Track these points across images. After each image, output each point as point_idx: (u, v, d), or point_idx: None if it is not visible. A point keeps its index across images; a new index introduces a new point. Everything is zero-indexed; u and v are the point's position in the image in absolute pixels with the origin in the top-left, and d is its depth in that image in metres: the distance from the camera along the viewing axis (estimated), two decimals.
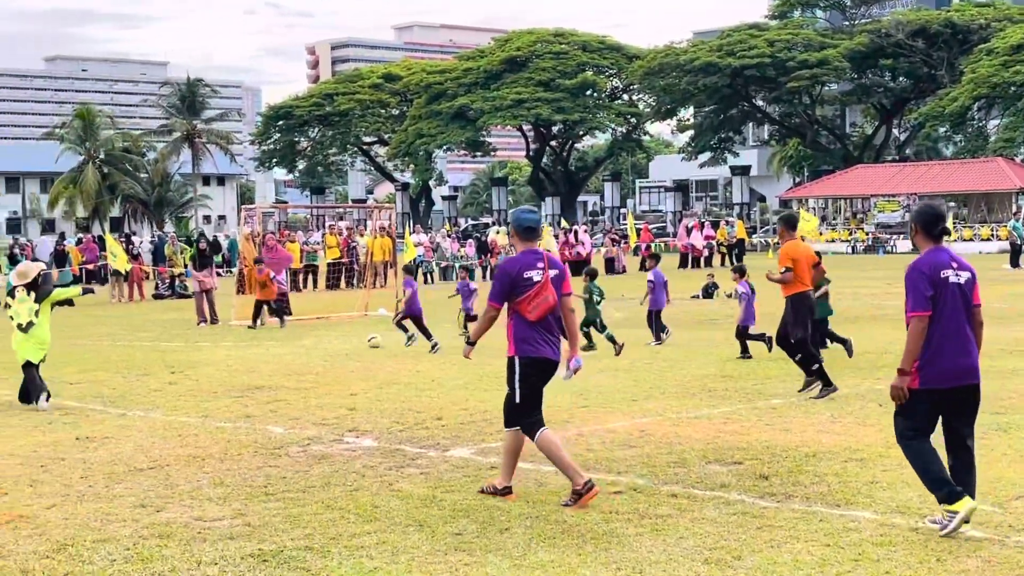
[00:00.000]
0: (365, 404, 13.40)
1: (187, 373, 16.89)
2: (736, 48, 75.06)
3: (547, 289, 8.62)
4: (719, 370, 15.84)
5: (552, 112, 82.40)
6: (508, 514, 8.22)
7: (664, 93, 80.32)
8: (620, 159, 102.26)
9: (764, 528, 7.72)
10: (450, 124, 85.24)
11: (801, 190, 75.53)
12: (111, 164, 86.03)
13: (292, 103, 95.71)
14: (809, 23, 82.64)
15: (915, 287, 7.56)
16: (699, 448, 10.42)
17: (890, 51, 76.23)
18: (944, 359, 7.54)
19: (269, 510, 8.51)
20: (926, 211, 7.84)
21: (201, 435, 11.71)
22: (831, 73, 74.92)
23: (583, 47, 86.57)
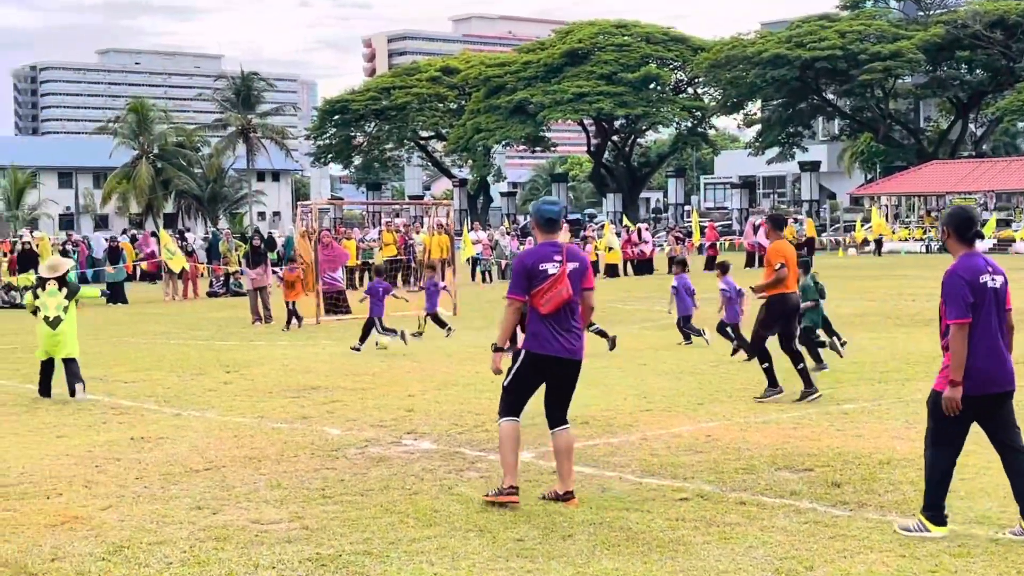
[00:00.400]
0: (423, 406, 13.46)
1: (242, 372, 17.05)
2: (806, 40, 74.50)
3: (561, 282, 8.58)
4: (787, 373, 15.70)
5: (614, 106, 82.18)
6: (571, 520, 8.23)
7: (730, 86, 79.88)
8: (684, 154, 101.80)
9: (836, 538, 7.67)
10: (509, 119, 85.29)
11: (873, 187, 74.86)
12: (165, 159, 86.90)
13: (348, 97, 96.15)
14: (882, 14, 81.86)
15: (956, 294, 7.58)
16: (768, 454, 10.36)
17: (967, 42, 75.31)
18: (980, 366, 7.56)
19: (327, 513, 8.57)
20: (959, 214, 7.87)
21: (257, 436, 11.81)
22: (905, 65, 74.13)
23: (646, 39, 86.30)
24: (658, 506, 8.58)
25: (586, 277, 8.82)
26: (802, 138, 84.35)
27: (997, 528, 7.81)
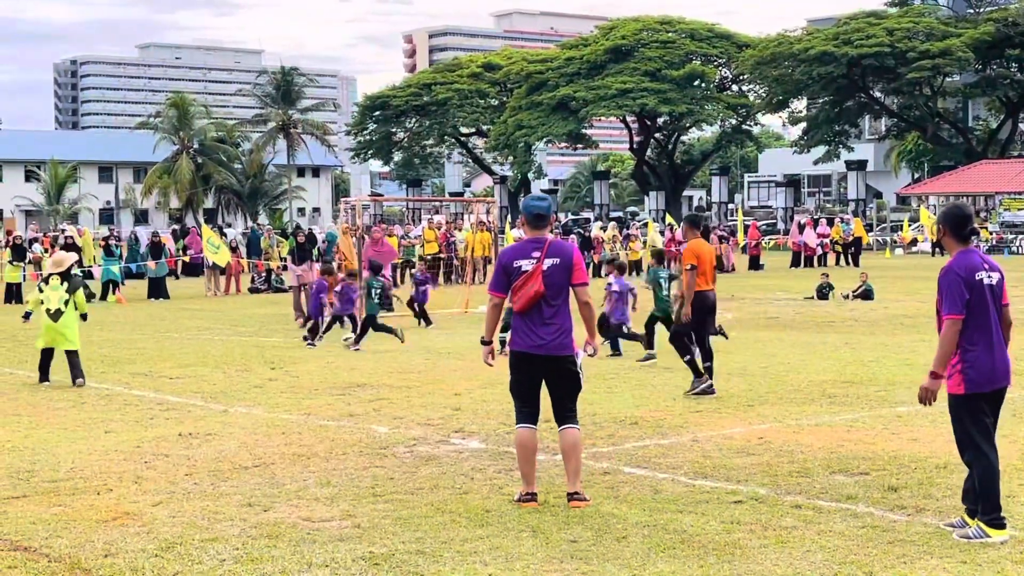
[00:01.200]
0: (470, 404, 13.48)
1: (287, 369, 17.13)
2: (853, 37, 74.05)
3: (533, 279, 8.58)
4: (839, 375, 15.66)
5: (658, 103, 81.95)
6: (624, 522, 8.22)
7: (776, 84, 79.51)
8: (728, 152, 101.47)
9: (895, 543, 7.63)
10: (551, 115, 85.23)
11: (920, 187, 74.33)
12: (205, 154, 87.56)
13: (389, 93, 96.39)
14: (931, 11, 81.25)
15: (951, 290, 7.77)
16: (822, 457, 10.31)
17: (1018, 40, 74.63)
18: (983, 362, 7.77)
19: (378, 511, 8.60)
20: (955, 213, 8.05)
21: (304, 433, 11.87)
22: (954, 64, 73.55)
23: (691, 35, 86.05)
24: (712, 509, 8.55)
25: (574, 272, 8.72)
26: (848, 137, 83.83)
27: None
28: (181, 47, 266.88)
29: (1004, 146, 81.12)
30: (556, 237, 9.11)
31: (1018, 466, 9.73)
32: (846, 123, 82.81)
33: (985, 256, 8.04)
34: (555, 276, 8.67)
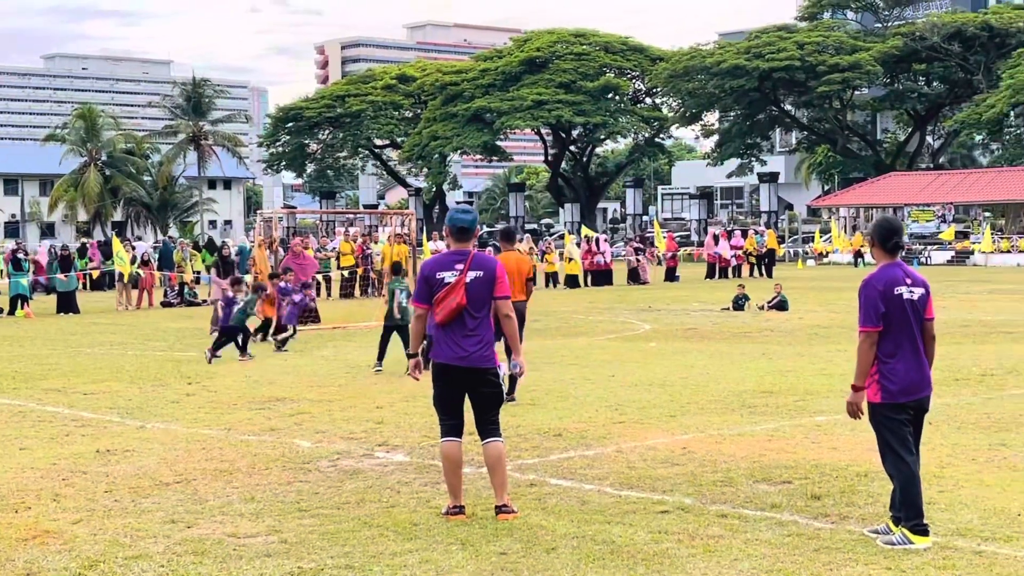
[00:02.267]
0: (393, 417, 13.44)
1: (204, 384, 16.96)
2: (764, 50, 75.15)
3: (455, 292, 8.59)
4: (758, 385, 15.84)
5: (572, 114, 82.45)
6: (553, 533, 8.24)
7: (689, 97, 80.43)
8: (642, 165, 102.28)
9: (821, 550, 7.73)
10: (466, 127, 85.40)
11: (831, 198, 75.51)
12: (113, 166, 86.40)
13: (301, 104, 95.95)
14: (840, 25, 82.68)
15: (867, 303, 7.94)
16: (745, 466, 10.43)
17: (924, 55, 76.23)
18: (901, 373, 7.91)
19: (304, 527, 8.55)
20: (881, 225, 8.19)
21: (226, 448, 11.75)
22: (863, 77, 74.95)
23: (605, 48, 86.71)
24: (639, 519, 8.61)
25: (497, 286, 8.73)
26: (760, 149, 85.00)
27: (979, 540, 7.89)
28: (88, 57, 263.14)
29: (912, 158, 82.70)
30: (480, 250, 9.10)
31: (937, 474, 9.90)
32: (758, 136, 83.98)
33: (910, 271, 8.13)
34: (478, 289, 8.68)
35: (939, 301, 32.09)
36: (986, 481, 9.69)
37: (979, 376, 16.31)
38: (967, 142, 76.23)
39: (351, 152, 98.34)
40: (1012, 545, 7.78)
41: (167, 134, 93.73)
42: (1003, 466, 10.28)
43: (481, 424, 8.88)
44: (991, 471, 10.08)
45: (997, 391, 14.93)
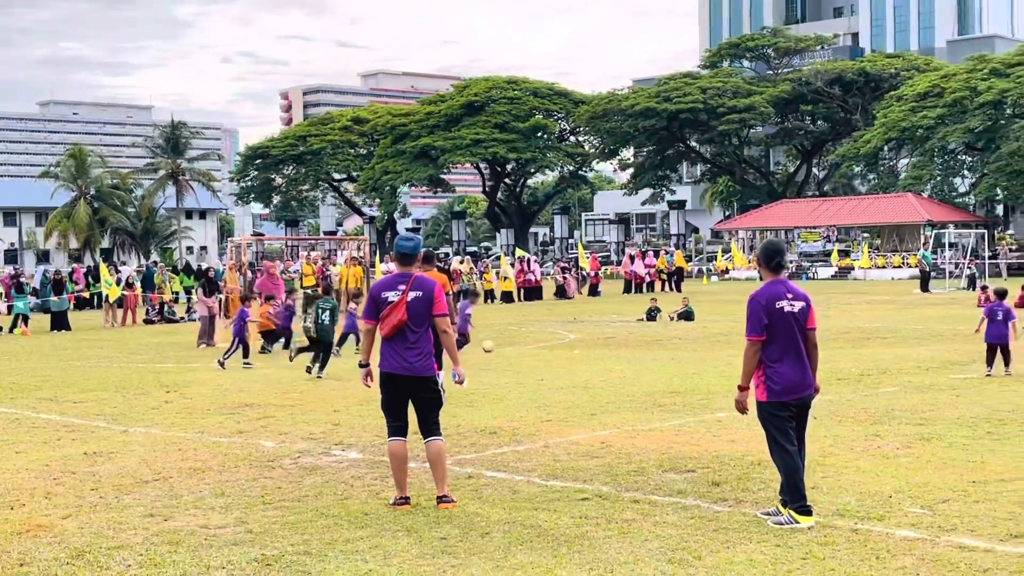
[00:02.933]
0: (348, 419, 13.36)
1: (181, 392, 16.76)
2: (672, 94, 75.65)
3: (398, 309, 8.63)
4: (667, 386, 15.92)
5: (507, 151, 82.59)
6: (487, 520, 8.23)
7: (607, 135, 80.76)
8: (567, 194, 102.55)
9: (720, 531, 7.78)
10: (413, 162, 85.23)
11: (731, 223, 76.12)
12: (101, 200, 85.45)
13: (268, 144, 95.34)
14: (737, 72, 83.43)
15: (752, 315, 8.02)
16: (655, 458, 10.47)
17: (810, 97, 77.18)
18: (784, 376, 7.97)
19: (268, 518, 8.48)
20: (765, 247, 8.30)
21: (199, 449, 11.63)
22: (757, 117, 75.67)
23: (534, 93, 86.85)
24: (563, 506, 8.62)
25: (435, 304, 8.75)
26: (670, 180, 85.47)
27: (856, 520, 7.98)
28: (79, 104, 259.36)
29: (800, 187, 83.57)
30: (422, 272, 9.09)
31: (820, 462, 10.00)
32: (667, 168, 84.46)
33: (792, 286, 8.19)
34: (418, 307, 8.69)
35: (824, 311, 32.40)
36: (862, 468, 9.79)
37: (858, 376, 16.50)
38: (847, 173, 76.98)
39: (312, 185, 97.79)
40: (884, 523, 7.88)
41: (149, 171, 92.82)
42: (877, 454, 10.40)
43: (423, 425, 8.87)
44: (867, 459, 10.19)
45: (873, 389, 15.10)
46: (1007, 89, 60.27)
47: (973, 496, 8.59)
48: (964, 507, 8.25)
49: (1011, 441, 10.86)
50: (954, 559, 6.96)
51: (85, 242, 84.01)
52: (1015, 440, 10.91)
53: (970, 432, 11.40)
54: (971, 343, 21.13)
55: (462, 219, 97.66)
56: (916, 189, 65.10)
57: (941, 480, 9.17)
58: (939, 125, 62.85)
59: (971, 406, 13.17)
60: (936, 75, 67.54)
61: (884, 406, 13.36)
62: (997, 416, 12.36)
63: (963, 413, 12.63)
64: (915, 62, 77.18)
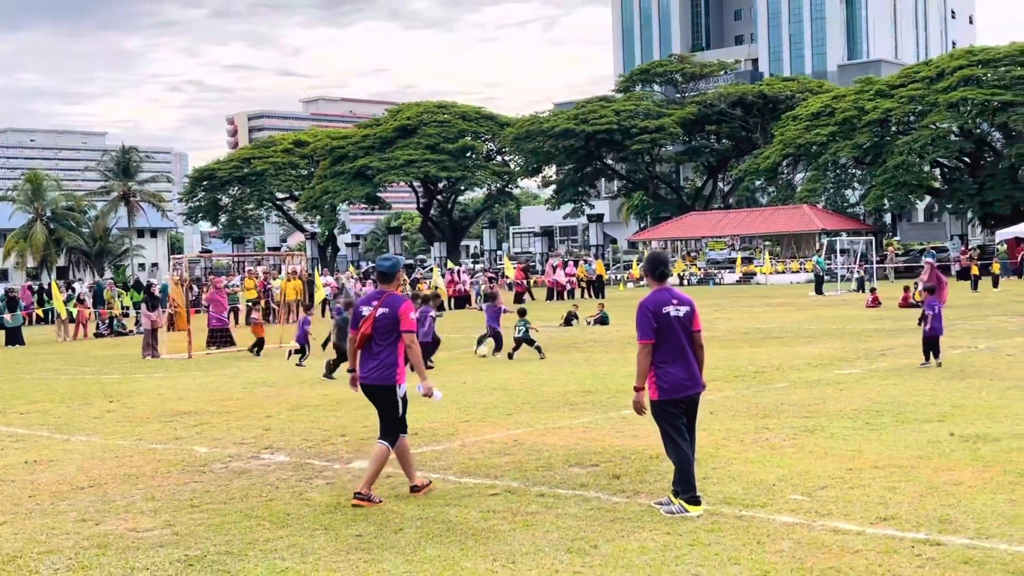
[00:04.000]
0: (279, 425, 13.18)
1: (124, 402, 16.43)
2: (589, 116, 76.00)
3: (366, 323, 8.73)
4: (579, 386, 15.92)
5: (438, 170, 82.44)
6: (401, 516, 8.14)
7: (531, 154, 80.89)
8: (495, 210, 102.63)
9: (616, 520, 7.76)
10: (351, 182, 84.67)
11: (645, 233, 76.58)
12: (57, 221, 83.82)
13: (215, 166, 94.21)
14: (648, 96, 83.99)
15: (641, 320, 8.05)
16: (563, 454, 10.44)
17: (714, 118, 78.01)
18: (673, 375, 7.98)
19: (194, 520, 8.30)
20: (650, 258, 8.36)
21: (135, 456, 11.38)
22: (667, 137, 76.26)
23: (462, 116, 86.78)
24: (474, 501, 8.55)
25: (401, 321, 8.74)
26: (589, 195, 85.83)
27: (741, 507, 8.00)
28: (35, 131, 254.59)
29: (707, 200, 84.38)
30: (396, 291, 9.02)
31: (712, 453, 10.03)
32: (586, 185, 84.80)
33: (677, 293, 8.18)
34: (383, 322, 8.74)
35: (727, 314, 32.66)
36: (750, 458, 9.84)
37: (753, 373, 16.62)
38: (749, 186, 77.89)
39: (257, 204, 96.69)
40: (767, 510, 7.91)
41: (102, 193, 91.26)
42: (765, 446, 10.46)
43: (380, 427, 8.90)
44: (755, 450, 10.25)
45: (766, 385, 15.22)
46: (891, 108, 61.33)
47: (849, 483, 8.66)
48: (840, 493, 8.32)
49: (886, 431, 10.99)
50: (828, 542, 7.00)
51: (42, 261, 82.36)
52: (889, 430, 11.04)
53: (850, 423, 11.52)
54: (858, 341, 21.45)
55: (398, 234, 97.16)
56: (811, 201, 65.98)
57: (821, 468, 9.25)
58: (831, 142, 63.77)
59: (853, 399, 13.32)
60: (828, 96, 68.54)
61: (775, 401, 13.46)
62: (875, 408, 12.52)
63: (845, 406, 12.77)
64: (809, 85, 78.26)
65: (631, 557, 6.85)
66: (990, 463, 9.21)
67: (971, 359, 17.42)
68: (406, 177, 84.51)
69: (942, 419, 11.56)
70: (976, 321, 24.40)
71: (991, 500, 7.91)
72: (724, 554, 6.83)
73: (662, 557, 6.83)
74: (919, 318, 17.76)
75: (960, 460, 9.38)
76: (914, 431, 10.90)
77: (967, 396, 13.23)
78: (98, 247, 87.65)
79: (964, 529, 7.18)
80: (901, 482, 8.60)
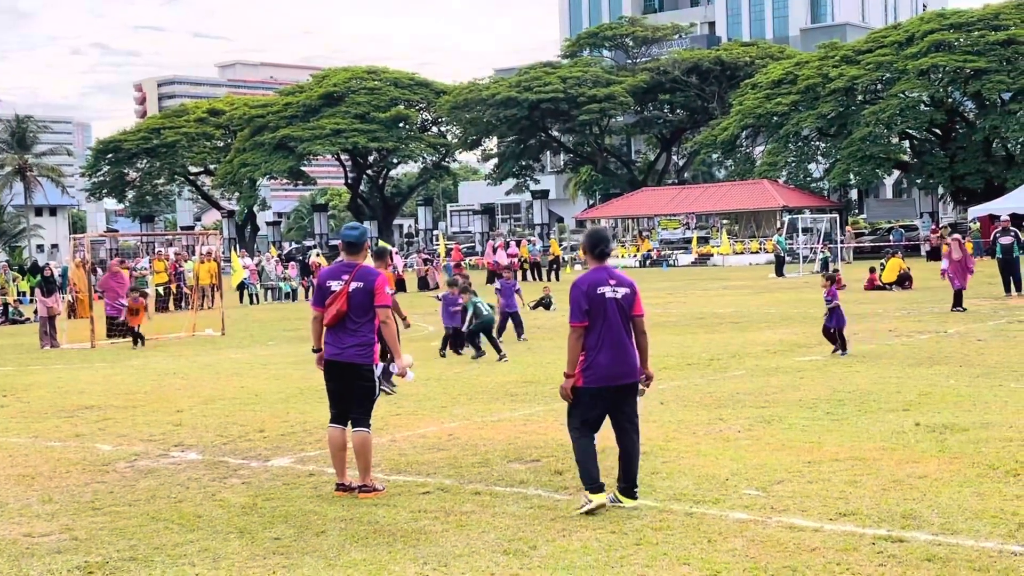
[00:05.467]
0: (191, 420, 13.07)
1: (18, 396, 16.19)
2: (533, 84, 76.09)
3: (340, 298, 8.74)
4: (521, 376, 15.97)
5: (368, 141, 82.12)
6: (324, 518, 8.12)
7: (470, 125, 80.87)
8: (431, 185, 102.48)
9: (558, 519, 7.81)
10: (272, 154, 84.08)
11: (594, 211, 76.90)
12: None
13: (120, 137, 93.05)
14: (596, 62, 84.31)
15: (574, 302, 8.05)
16: (501, 449, 10.47)
17: (668, 86, 78.52)
18: (601, 362, 7.96)
19: (96, 524, 8.21)
20: (589, 235, 8.36)
21: (31, 455, 11.23)
22: (617, 107, 76.60)
23: (395, 83, 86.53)
24: (403, 500, 8.55)
25: (376, 296, 8.81)
26: (533, 170, 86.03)
27: (692, 503, 8.08)
28: None
29: (661, 175, 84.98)
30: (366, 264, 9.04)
31: (662, 447, 10.12)
32: (530, 158, 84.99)
33: (617, 273, 8.20)
34: (358, 297, 8.78)
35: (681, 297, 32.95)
36: (703, 451, 9.94)
37: (707, 361, 16.76)
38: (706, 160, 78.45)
39: (168, 179, 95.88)
40: (719, 506, 8.00)
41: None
42: (718, 438, 10.57)
43: (353, 413, 8.90)
44: (708, 442, 10.35)
45: (721, 373, 15.36)
46: (857, 76, 62.10)
47: (807, 476, 8.79)
48: (797, 487, 8.44)
49: (848, 421, 11.17)
50: (783, 539, 7.10)
51: None
52: (852, 420, 11.22)
53: (810, 413, 11.68)
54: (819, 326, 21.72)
55: (324, 212, 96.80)
56: (772, 175, 66.64)
57: (777, 461, 9.37)
58: (793, 112, 64.47)
59: (813, 388, 13.51)
60: (790, 63, 69.25)
61: (730, 390, 13.61)
62: (837, 397, 12.70)
63: (805, 395, 12.95)
64: (769, 50, 79.05)
65: (572, 558, 6.89)
66: (957, 454, 9.40)
67: (940, 344, 17.74)
68: (332, 148, 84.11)
69: (907, 408, 11.77)
70: (946, 304, 24.84)
71: (957, 494, 8.07)
72: (673, 553, 6.90)
73: (606, 557, 6.88)
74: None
75: (926, 451, 9.56)
76: (878, 421, 11.08)
77: (935, 384, 13.48)
78: None
79: (928, 524, 7.32)
80: (863, 475, 8.74)
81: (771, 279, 42.28)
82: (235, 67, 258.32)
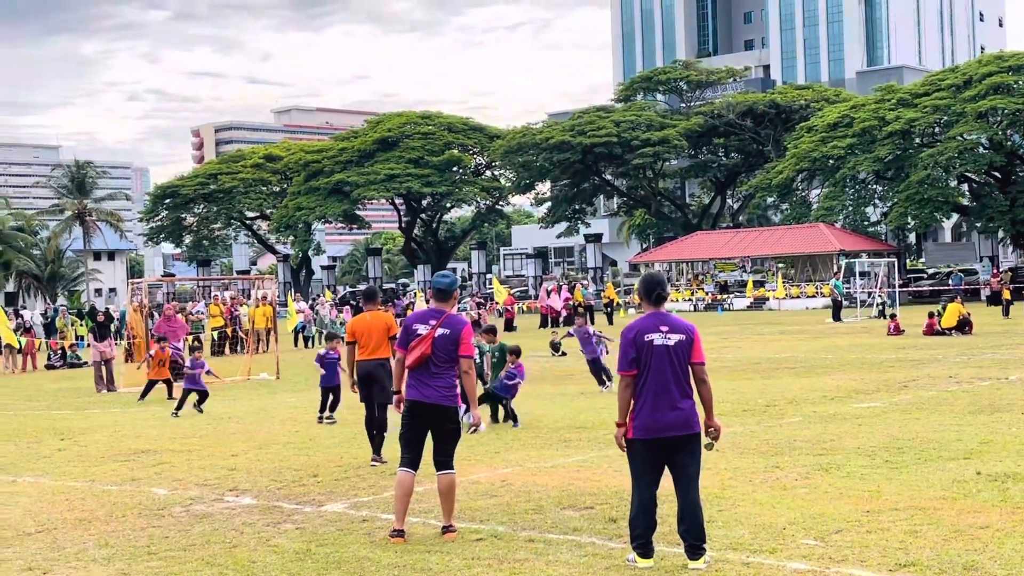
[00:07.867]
0: (245, 464, 13.16)
1: (76, 439, 16.40)
2: (586, 128, 76.33)
3: (424, 342, 8.89)
4: (574, 421, 15.92)
5: (421, 186, 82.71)
6: (378, 564, 8.13)
7: (523, 169, 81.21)
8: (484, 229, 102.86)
9: (612, 568, 7.76)
10: (327, 199, 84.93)
11: (647, 255, 76.76)
12: (4, 242, 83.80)
13: (178, 182, 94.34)
14: (650, 106, 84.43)
15: (621, 350, 7.89)
16: (554, 495, 10.44)
17: (722, 130, 78.42)
18: (645, 413, 7.75)
19: (151, 568, 8.28)
20: (645, 279, 8.15)
21: (88, 499, 11.36)
22: (671, 150, 76.58)
23: (448, 128, 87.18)
24: (456, 547, 8.55)
25: (461, 345, 8.95)
26: (586, 213, 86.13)
27: (748, 553, 8.00)
28: None
29: (715, 219, 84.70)
30: (456, 312, 9.26)
31: (718, 495, 10.04)
32: (583, 202, 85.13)
33: (671, 318, 7.90)
34: (443, 343, 8.95)
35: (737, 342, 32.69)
36: (759, 500, 9.84)
37: (763, 407, 16.64)
38: (761, 203, 78.18)
39: (224, 224, 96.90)
40: (776, 556, 7.91)
41: (54, 211, 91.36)
42: (775, 486, 10.47)
43: (438, 456, 9.07)
44: (764, 490, 10.26)
45: (777, 419, 15.24)
46: (914, 119, 61.68)
47: (866, 526, 8.67)
48: (857, 537, 8.33)
49: (907, 469, 11.02)
50: None
51: None
52: (911, 468, 11.07)
53: (868, 461, 11.54)
54: (879, 372, 21.50)
55: (378, 255, 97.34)
56: (829, 219, 66.20)
57: (836, 511, 9.25)
58: (849, 155, 64.09)
59: (872, 435, 13.35)
60: (845, 106, 68.93)
61: (787, 437, 13.48)
62: (896, 444, 12.54)
63: (863, 442, 12.79)
64: (825, 93, 78.78)
65: None
66: (1020, 504, 9.24)
67: (1001, 391, 17.48)
68: (387, 193, 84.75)
69: (968, 456, 11.60)
70: (1008, 350, 24.49)
71: (1021, 544, 7.93)
72: None
73: None
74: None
75: (987, 501, 9.41)
76: (938, 470, 10.93)
77: (996, 432, 13.27)
78: (50, 271, 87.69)
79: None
80: (923, 525, 8.61)
81: (828, 324, 41.89)
82: (291, 113, 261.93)
